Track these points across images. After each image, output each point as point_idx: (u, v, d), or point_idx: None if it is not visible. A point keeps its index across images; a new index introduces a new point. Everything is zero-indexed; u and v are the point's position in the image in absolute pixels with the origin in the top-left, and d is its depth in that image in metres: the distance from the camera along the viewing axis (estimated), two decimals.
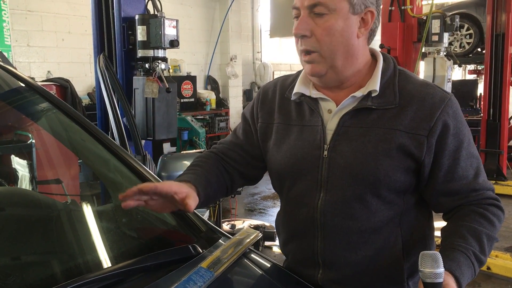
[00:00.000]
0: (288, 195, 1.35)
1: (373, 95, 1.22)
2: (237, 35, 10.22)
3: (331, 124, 1.26)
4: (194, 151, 7.01)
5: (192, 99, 8.31)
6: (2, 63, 2.14)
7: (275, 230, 1.51)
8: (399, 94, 1.22)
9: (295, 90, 1.31)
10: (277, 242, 3.92)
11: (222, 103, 9.31)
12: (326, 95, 1.28)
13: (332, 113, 1.27)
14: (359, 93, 1.24)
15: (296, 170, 1.30)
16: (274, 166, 1.36)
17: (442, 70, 4.53)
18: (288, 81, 1.38)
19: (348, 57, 1.22)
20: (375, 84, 1.22)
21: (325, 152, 1.25)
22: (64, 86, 5.25)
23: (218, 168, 1.39)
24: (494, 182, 6.12)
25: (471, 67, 8.62)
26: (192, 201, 1.20)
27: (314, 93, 1.29)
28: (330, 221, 1.26)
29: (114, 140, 3.13)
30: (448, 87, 4.72)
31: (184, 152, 3.29)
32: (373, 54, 1.30)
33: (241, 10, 10.30)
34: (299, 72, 1.37)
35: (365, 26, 1.22)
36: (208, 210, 4.55)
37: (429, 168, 1.22)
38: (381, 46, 4.48)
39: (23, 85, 2.07)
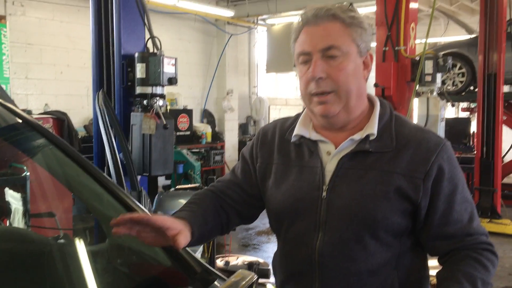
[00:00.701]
0: (286, 235, 1.35)
1: (371, 138, 1.26)
2: (234, 69, 10.37)
3: (330, 166, 1.28)
4: (189, 186, 6.99)
5: (188, 132, 8.35)
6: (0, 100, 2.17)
7: (269, 267, 1.51)
8: (395, 138, 1.26)
9: (295, 132, 1.34)
10: (271, 280, 3.87)
11: (218, 137, 9.35)
12: (326, 137, 1.31)
13: (331, 155, 1.29)
14: (357, 136, 1.27)
15: (295, 210, 1.31)
16: (272, 206, 1.37)
17: (436, 109, 4.61)
18: (287, 124, 1.41)
19: (359, 97, 1.28)
20: (373, 128, 1.26)
21: (324, 193, 1.27)
22: (61, 119, 5.28)
23: (215, 207, 1.40)
24: (488, 220, 6.12)
25: (464, 105, 8.75)
26: (183, 238, 1.19)
27: (314, 135, 1.32)
28: (329, 262, 1.26)
29: (111, 176, 3.13)
30: (441, 126, 4.79)
31: (180, 188, 3.28)
32: (369, 99, 1.35)
33: (238, 45, 10.48)
34: (298, 115, 1.40)
35: (367, 69, 1.29)
36: (202, 246, 4.51)
37: (425, 211, 1.24)
38: (376, 85, 4.57)
39: (21, 121, 2.09)
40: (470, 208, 1.27)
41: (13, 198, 3.63)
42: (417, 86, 4.62)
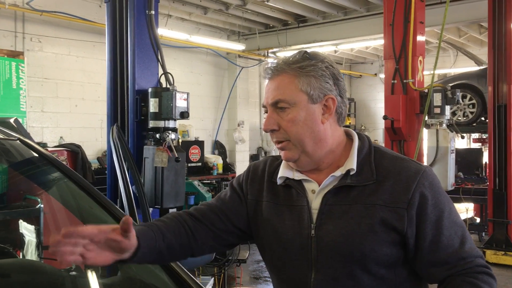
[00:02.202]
0: (281, 274, 1.37)
1: (351, 173, 1.29)
2: (245, 101, 10.50)
3: (315, 203, 1.31)
4: None
5: (200, 164, 8.41)
6: (18, 135, 2.25)
7: None
8: (376, 170, 1.29)
9: (279, 175, 1.38)
10: None
11: (229, 168, 9.40)
12: (308, 177, 1.35)
13: (315, 193, 1.32)
14: (338, 173, 1.30)
15: (287, 250, 1.33)
16: (265, 246, 1.40)
17: (445, 141, 4.62)
18: (275, 164, 1.44)
19: (316, 142, 1.30)
20: (352, 163, 1.29)
21: (312, 231, 1.29)
22: (75, 151, 5.37)
23: (183, 227, 1.38)
24: (503, 252, 6.01)
25: (475, 135, 8.72)
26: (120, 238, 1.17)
27: (297, 176, 1.36)
28: None
29: (123, 208, 3.18)
30: (451, 158, 4.79)
31: None
32: (349, 135, 1.38)
33: (249, 78, 10.65)
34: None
35: (328, 112, 1.31)
36: (213, 278, 4.50)
37: (413, 239, 1.25)
38: (385, 118, 4.60)
39: (37, 155, 2.15)
40: (460, 231, 1.27)
41: (26, 230, 3.68)
42: (426, 118, 4.65)
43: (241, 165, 10.15)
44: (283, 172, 1.38)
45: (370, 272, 1.25)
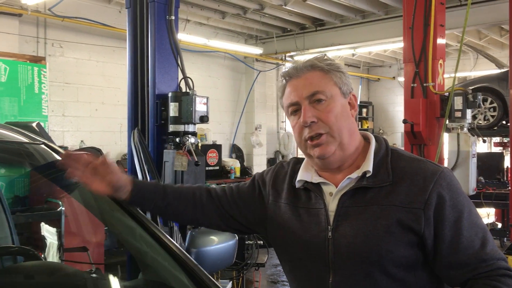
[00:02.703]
0: (298, 276, 1.38)
1: (367, 175, 1.29)
2: (262, 105, 10.52)
3: (332, 206, 1.32)
4: None
5: (217, 167, 8.45)
6: (41, 139, 2.29)
7: None
8: (392, 172, 1.29)
9: (298, 178, 1.39)
10: None
11: (246, 171, 9.42)
12: (326, 179, 1.36)
13: (332, 195, 1.33)
14: (354, 175, 1.31)
15: (305, 252, 1.33)
16: (283, 249, 1.41)
17: (466, 145, 4.55)
18: (296, 167, 1.45)
19: (351, 134, 1.33)
20: (368, 165, 1.30)
21: (329, 234, 1.29)
22: (95, 155, 5.44)
23: (193, 197, 1.52)
24: None
25: (496, 139, 8.58)
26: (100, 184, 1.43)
27: (316, 179, 1.37)
28: None
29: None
30: (473, 162, 4.72)
31: None
32: (366, 138, 1.40)
33: (266, 81, 10.67)
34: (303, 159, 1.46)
35: (353, 108, 1.36)
36: (231, 282, 4.50)
37: (431, 240, 1.24)
38: (405, 121, 4.56)
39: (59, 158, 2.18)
40: (481, 233, 1.25)
41: (48, 232, 3.75)
42: (447, 122, 4.60)
43: (259, 169, 10.15)
44: (302, 175, 1.39)
45: (388, 274, 1.25)
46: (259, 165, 10.22)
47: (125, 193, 1.48)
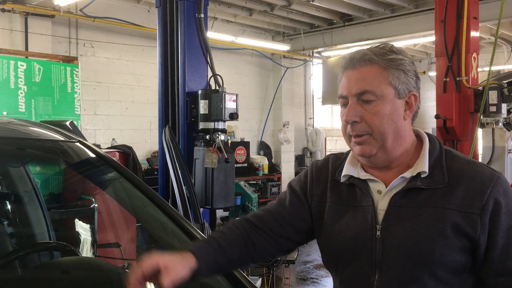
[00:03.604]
0: (343, 275, 1.35)
1: (422, 176, 1.25)
2: (290, 102, 10.48)
3: (382, 204, 1.28)
4: None
5: (245, 164, 8.47)
6: (76, 136, 2.34)
7: None
8: (447, 174, 1.24)
9: (343, 173, 1.35)
10: None
11: (274, 168, 9.41)
12: (375, 176, 1.31)
13: (382, 194, 1.29)
14: (408, 174, 1.26)
15: (351, 250, 1.31)
16: (328, 246, 1.38)
17: (502, 141, 4.43)
18: (338, 162, 1.41)
19: (397, 138, 1.26)
20: (423, 165, 1.25)
21: (378, 233, 1.26)
22: (126, 153, 5.54)
23: (243, 237, 1.39)
24: None
25: None
26: (167, 279, 1.19)
27: (363, 175, 1.32)
28: None
29: (177, 208, 3.24)
30: (509, 158, 4.58)
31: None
32: (418, 135, 1.34)
33: (294, 78, 10.62)
34: (347, 154, 1.40)
35: (410, 109, 1.28)
36: (261, 279, 4.51)
37: (484, 247, 1.21)
38: (437, 117, 4.46)
39: (96, 156, 2.23)
40: None
41: (82, 228, 3.83)
42: (481, 117, 4.48)
43: (287, 166, 10.13)
44: (348, 170, 1.35)
45: (436, 277, 1.22)
46: (287, 162, 10.19)
47: (193, 271, 1.30)
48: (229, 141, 3.59)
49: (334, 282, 1.43)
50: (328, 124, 11.66)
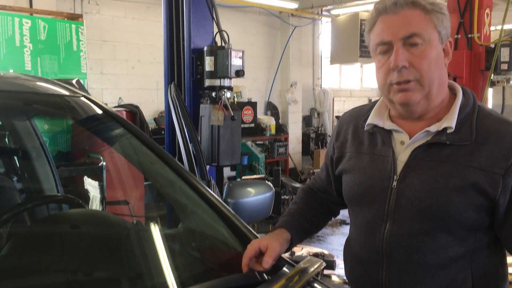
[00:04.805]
0: (356, 221, 1.38)
1: (448, 131, 1.22)
2: (298, 61, 10.34)
3: (403, 156, 1.27)
4: (254, 176, 7.09)
5: (252, 125, 8.46)
6: (81, 91, 2.33)
7: (334, 259, 1.60)
8: (476, 131, 1.21)
9: (368, 121, 1.34)
10: (336, 272, 3.87)
11: (281, 129, 9.40)
12: (401, 127, 1.29)
13: (404, 145, 1.28)
14: (433, 128, 1.24)
15: (365, 198, 1.32)
16: (345, 192, 1.41)
17: None
18: (363, 111, 1.41)
19: (440, 85, 1.24)
20: (451, 121, 1.22)
21: (394, 183, 1.26)
22: (133, 112, 5.54)
23: (315, 202, 1.54)
24: None
25: None
26: (269, 258, 1.30)
27: (388, 125, 1.31)
28: (396, 252, 1.26)
29: (183, 165, 3.26)
30: None
31: (246, 179, 3.37)
32: (452, 88, 1.30)
33: (302, 37, 10.44)
34: (375, 103, 1.40)
35: (447, 56, 1.25)
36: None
37: (504, 208, 1.20)
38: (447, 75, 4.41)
39: (102, 112, 2.23)
40: None
41: (91, 186, 3.88)
42: (492, 75, 4.40)
43: (294, 126, 10.10)
44: (373, 119, 1.34)
45: (450, 232, 1.22)
46: (294, 123, 10.17)
47: (288, 242, 1.44)
48: (235, 99, 3.56)
49: (350, 229, 1.47)
50: (336, 84, 11.53)
